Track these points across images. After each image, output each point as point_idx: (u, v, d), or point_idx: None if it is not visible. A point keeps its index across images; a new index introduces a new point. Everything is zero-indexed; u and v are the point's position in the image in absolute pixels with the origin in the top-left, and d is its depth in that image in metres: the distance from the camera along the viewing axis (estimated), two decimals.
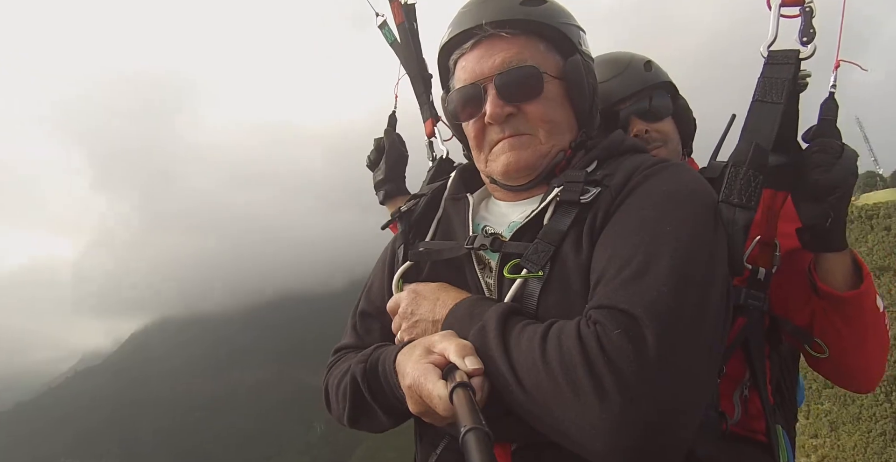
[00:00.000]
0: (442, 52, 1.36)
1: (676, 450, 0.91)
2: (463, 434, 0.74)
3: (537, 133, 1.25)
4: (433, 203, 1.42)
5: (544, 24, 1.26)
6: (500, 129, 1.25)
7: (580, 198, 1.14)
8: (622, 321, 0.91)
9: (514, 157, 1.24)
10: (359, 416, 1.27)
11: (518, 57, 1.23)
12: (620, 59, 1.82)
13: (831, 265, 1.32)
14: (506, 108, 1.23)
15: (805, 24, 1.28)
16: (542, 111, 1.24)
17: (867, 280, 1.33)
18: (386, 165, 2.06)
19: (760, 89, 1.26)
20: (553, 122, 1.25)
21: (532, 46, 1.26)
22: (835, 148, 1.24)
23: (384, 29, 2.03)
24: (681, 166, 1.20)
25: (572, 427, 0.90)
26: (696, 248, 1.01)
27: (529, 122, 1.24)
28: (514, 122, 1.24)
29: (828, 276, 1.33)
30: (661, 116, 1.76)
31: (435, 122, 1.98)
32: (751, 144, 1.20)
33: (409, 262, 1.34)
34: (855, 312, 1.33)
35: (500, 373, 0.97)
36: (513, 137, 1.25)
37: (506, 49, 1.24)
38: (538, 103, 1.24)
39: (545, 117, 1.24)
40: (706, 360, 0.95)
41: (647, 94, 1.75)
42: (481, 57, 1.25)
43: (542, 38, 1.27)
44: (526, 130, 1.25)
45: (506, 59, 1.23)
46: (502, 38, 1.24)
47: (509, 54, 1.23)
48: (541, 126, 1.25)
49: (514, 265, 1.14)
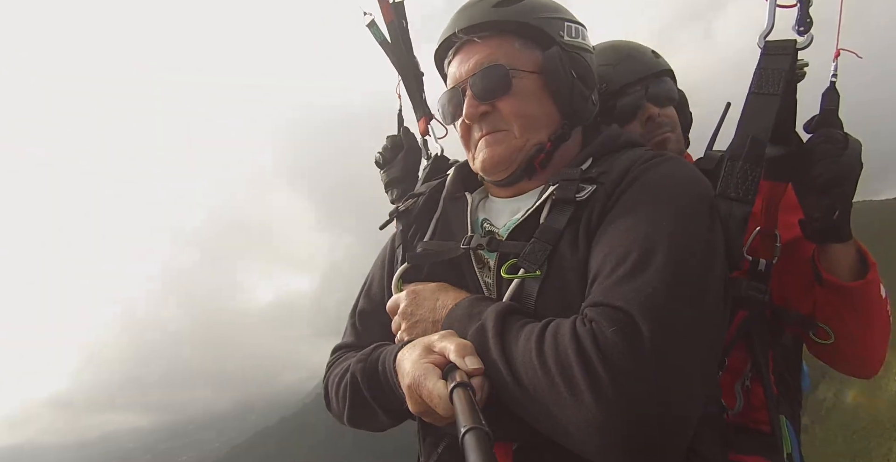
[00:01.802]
0: (436, 60, 1.44)
1: (675, 446, 0.91)
2: (463, 434, 0.74)
3: (512, 128, 1.27)
4: (432, 202, 1.42)
5: (516, 22, 1.28)
6: (478, 128, 1.30)
7: (575, 195, 1.14)
8: (617, 318, 0.91)
9: (489, 153, 1.28)
10: (359, 416, 1.28)
11: (489, 58, 1.27)
12: (628, 45, 1.81)
13: (837, 256, 1.31)
14: (480, 107, 1.27)
15: (802, 13, 1.27)
16: (515, 107, 1.26)
17: (872, 269, 1.32)
18: (404, 163, 2.04)
19: (757, 80, 1.24)
20: (526, 116, 1.26)
21: (505, 46, 1.28)
22: (839, 138, 1.23)
23: (373, 28, 2.02)
24: (677, 160, 1.19)
25: (569, 424, 0.90)
26: (692, 243, 1.01)
27: (503, 118, 1.27)
28: (489, 119, 1.28)
29: (833, 266, 1.32)
30: (670, 102, 1.75)
31: (429, 121, 1.97)
32: (747, 137, 1.19)
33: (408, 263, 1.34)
34: (861, 302, 1.33)
35: (497, 371, 0.98)
36: (489, 134, 1.28)
37: (478, 52, 1.29)
38: (509, 99, 1.26)
39: (518, 112, 1.26)
40: (703, 355, 0.95)
41: (657, 79, 1.74)
42: (460, 62, 1.32)
43: (517, 35, 1.29)
44: (501, 126, 1.27)
45: (478, 62, 1.28)
46: (475, 42, 1.30)
47: (481, 57, 1.28)
48: (514, 121, 1.26)
49: (511, 265, 1.14)
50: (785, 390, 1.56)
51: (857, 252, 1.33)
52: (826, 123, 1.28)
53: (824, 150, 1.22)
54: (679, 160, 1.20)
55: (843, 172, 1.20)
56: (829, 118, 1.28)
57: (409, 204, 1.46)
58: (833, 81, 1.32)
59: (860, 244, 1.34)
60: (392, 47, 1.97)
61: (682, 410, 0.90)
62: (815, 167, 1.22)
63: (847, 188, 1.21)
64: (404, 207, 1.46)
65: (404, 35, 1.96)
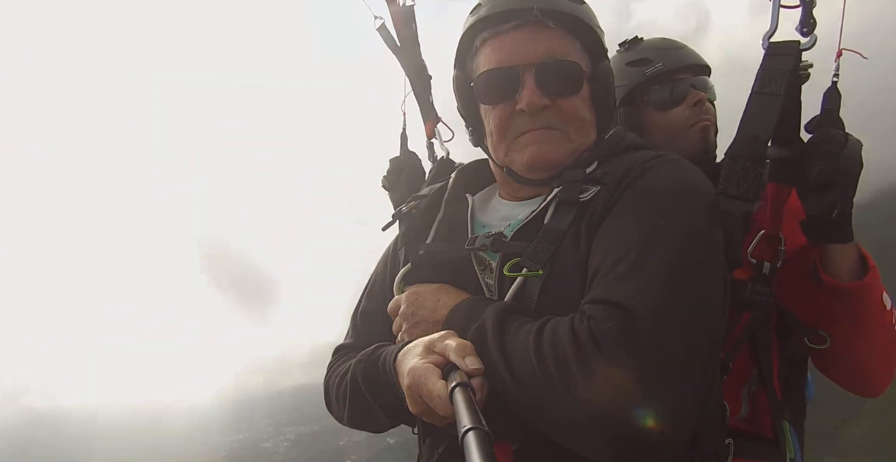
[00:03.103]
0: (471, 29, 1.28)
1: (672, 442, 0.90)
2: (462, 434, 0.74)
3: (567, 129, 1.23)
4: (434, 204, 1.42)
5: (586, 25, 1.25)
6: (530, 120, 1.21)
7: (579, 196, 1.14)
8: (615, 315, 0.91)
9: (542, 150, 1.22)
10: (359, 416, 1.27)
11: (562, 50, 1.21)
12: (676, 41, 1.85)
13: (837, 257, 1.30)
14: (543, 99, 1.20)
15: (805, 14, 1.27)
16: (578, 108, 1.23)
17: (872, 272, 1.31)
18: (408, 184, 2.06)
19: (760, 81, 1.24)
20: (583, 120, 1.25)
21: (571, 43, 1.24)
22: (839, 138, 1.22)
23: (383, 32, 2.04)
24: (678, 160, 1.19)
25: (567, 421, 0.90)
26: (691, 241, 1.01)
27: (562, 117, 1.22)
28: (546, 114, 1.21)
29: (833, 268, 1.31)
30: (712, 96, 1.78)
31: (435, 124, 1.98)
32: (749, 135, 1.19)
33: (410, 264, 1.34)
34: (858, 304, 1.32)
35: (497, 370, 0.97)
36: (542, 130, 1.22)
37: (551, 39, 1.21)
38: (574, 100, 1.23)
39: (579, 115, 1.24)
40: (702, 353, 0.95)
41: (703, 72, 1.78)
42: (523, 42, 1.21)
43: (578, 37, 1.26)
44: (556, 125, 1.22)
45: (549, 50, 1.20)
46: (548, 27, 1.21)
47: (553, 45, 1.21)
48: (572, 123, 1.23)
49: (514, 264, 1.14)
50: (789, 396, 1.55)
51: (858, 254, 1.32)
52: (826, 123, 1.27)
53: (823, 148, 1.22)
54: (681, 161, 1.19)
55: (842, 170, 1.19)
56: (829, 118, 1.28)
57: (411, 206, 1.46)
58: (835, 81, 1.31)
59: (861, 247, 1.33)
60: (401, 50, 1.98)
61: (679, 406, 0.89)
62: (813, 165, 1.22)
63: (846, 187, 1.21)
64: (407, 209, 1.46)
65: (413, 38, 1.98)
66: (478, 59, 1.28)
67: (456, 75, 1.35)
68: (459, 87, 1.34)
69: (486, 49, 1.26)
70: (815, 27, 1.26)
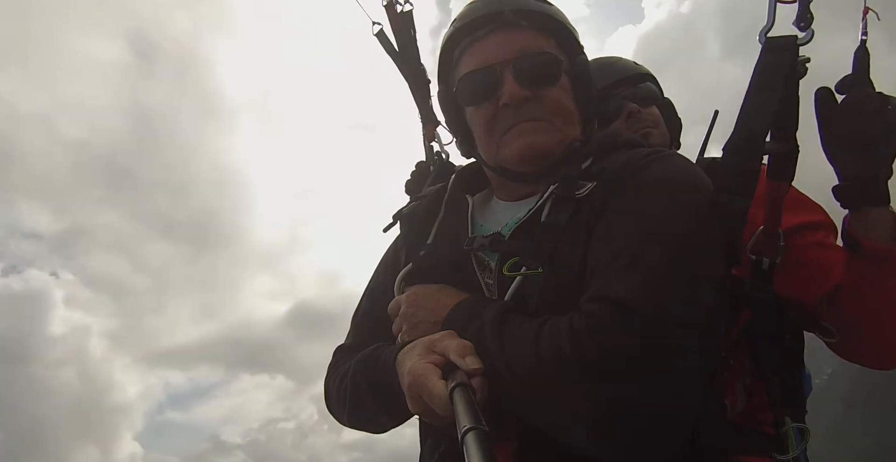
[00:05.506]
0: (448, 42, 1.33)
1: (672, 441, 0.90)
2: (462, 434, 0.74)
3: (553, 119, 1.24)
4: (434, 205, 1.43)
5: (558, 22, 1.28)
6: (515, 114, 1.23)
7: (575, 193, 1.14)
8: (613, 311, 0.91)
9: (531, 140, 1.22)
10: (359, 416, 1.28)
11: (536, 45, 1.25)
12: (608, 57, 1.97)
13: (875, 221, 1.24)
14: (523, 91, 1.21)
15: (802, 9, 1.26)
16: (560, 98, 1.25)
17: None
18: None
19: (757, 76, 1.24)
20: (567, 109, 1.26)
21: (546, 39, 1.27)
22: (882, 96, 1.20)
23: (381, 37, 2.05)
24: (675, 155, 1.19)
25: (567, 420, 0.90)
26: (689, 237, 1.01)
27: (546, 107, 1.23)
28: (529, 107, 1.22)
29: (870, 233, 1.24)
30: (651, 102, 1.84)
31: (435, 127, 1.99)
32: (745, 130, 1.18)
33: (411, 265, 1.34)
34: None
35: (496, 370, 0.98)
36: (528, 122, 1.23)
37: (525, 38, 1.24)
38: (555, 90, 1.24)
39: (561, 104, 1.25)
40: (700, 349, 0.95)
41: (637, 80, 1.86)
42: (499, 44, 1.24)
43: (552, 34, 1.28)
44: (542, 116, 1.23)
45: (525, 46, 1.24)
46: (521, 26, 1.24)
47: (528, 42, 1.24)
48: (557, 113, 1.24)
49: (513, 263, 1.14)
50: (789, 391, 1.55)
51: (894, 218, 1.26)
52: (860, 82, 1.25)
53: (867, 106, 1.19)
54: (678, 156, 1.20)
55: (891, 127, 1.17)
56: (861, 78, 1.26)
57: (412, 207, 1.47)
58: (864, 40, 1.29)
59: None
60: (400, 56, 1.99)
61: (678, 402, 0.89)
62: (858, 122, 1.18)
63: (892, 145, 1.19)
64: (407, 210, 1.46)
65: (412, 44, 1.99)
66: (458, 69, 1.32)
67: (440, 90, 1.39)
68: (444, 100, 1.38)
69: (464, 57, 1.30)
70: (812, 22, 1.25)
